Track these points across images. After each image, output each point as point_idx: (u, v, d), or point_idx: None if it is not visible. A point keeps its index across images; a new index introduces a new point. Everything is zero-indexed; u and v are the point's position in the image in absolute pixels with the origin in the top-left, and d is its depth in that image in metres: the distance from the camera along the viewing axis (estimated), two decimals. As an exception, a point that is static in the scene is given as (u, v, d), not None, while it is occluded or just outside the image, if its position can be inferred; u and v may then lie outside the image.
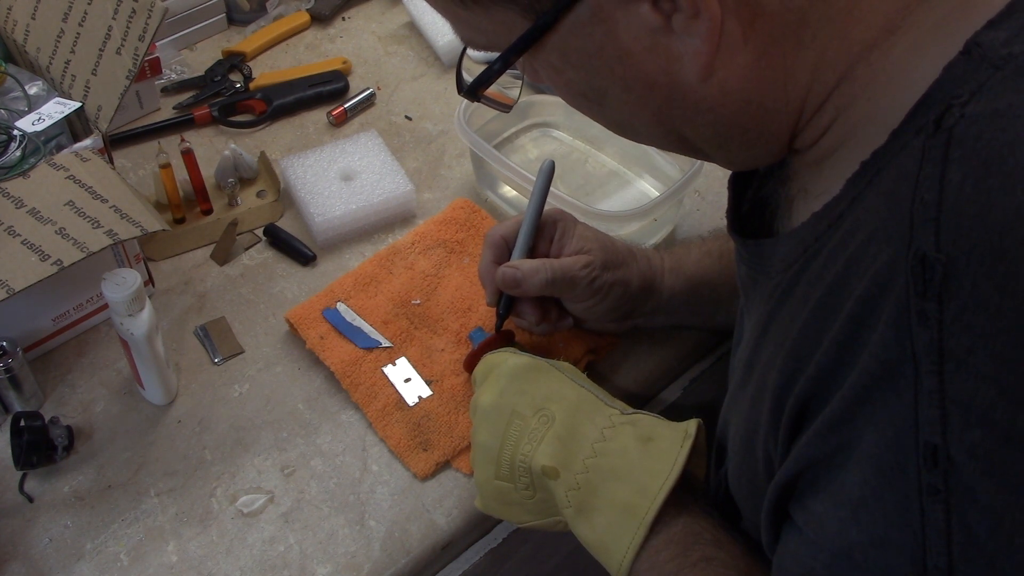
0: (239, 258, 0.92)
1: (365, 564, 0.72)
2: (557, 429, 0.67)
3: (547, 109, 1.03)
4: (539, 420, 0.68)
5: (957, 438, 0.41)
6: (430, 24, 1.12)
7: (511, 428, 0.68)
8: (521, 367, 0.71)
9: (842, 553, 0.46)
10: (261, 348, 0.85)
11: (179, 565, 0.72)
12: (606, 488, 0.65)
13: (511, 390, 0.70)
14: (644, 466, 0.64)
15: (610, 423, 0.67)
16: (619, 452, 0.65)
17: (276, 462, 0.78)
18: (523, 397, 0.69)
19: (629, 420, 0.67)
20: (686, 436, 0.65)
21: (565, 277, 0.77)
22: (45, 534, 0.73)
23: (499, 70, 0.53)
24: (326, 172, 0.96)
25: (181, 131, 1.02)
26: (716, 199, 0.99)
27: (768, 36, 0.47)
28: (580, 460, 0.66)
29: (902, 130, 0.44)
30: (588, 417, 0.68)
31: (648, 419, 0.67)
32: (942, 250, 0.40)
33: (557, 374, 0.71)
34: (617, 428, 0.67)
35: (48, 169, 0.78)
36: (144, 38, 0.81)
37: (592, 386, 0.71)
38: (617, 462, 0.65)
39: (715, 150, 0.55)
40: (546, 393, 0.69)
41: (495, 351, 0.76)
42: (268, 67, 1.12)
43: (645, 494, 0.63)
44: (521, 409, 0.69)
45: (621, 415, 0.68)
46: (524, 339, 0.83)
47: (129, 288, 0.73)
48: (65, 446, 0.75)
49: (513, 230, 0.80)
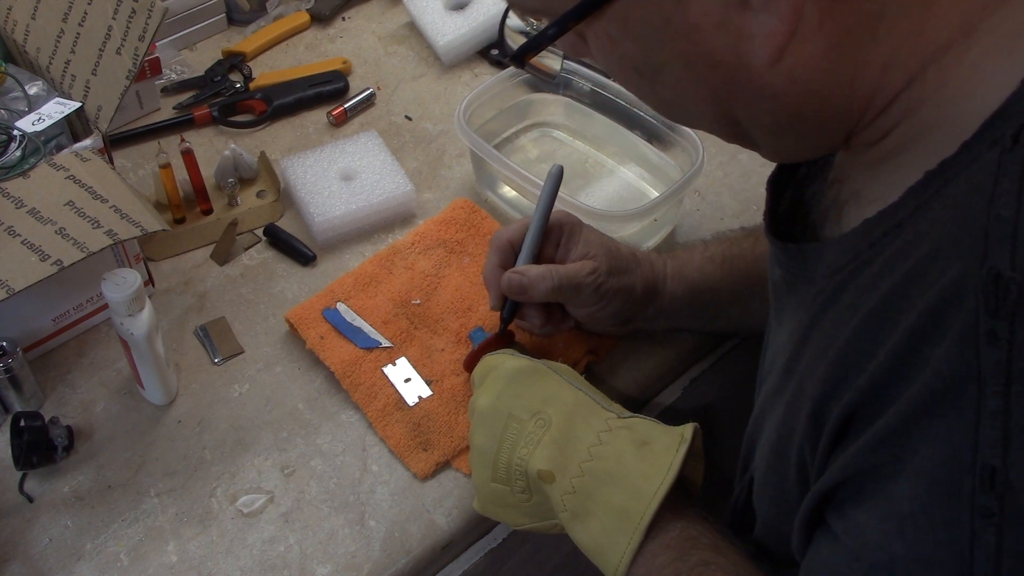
0: (239, 258, 0.92)
1: (365, 564, 0.72)
2: (553, 433, 0.67)
3: (547, 109, 1.03)
4: (536, 424, 0.68)
5: (1018, 462, 0.40)
6: (430, 24, 1.12)
7: (508, 431, 0.68)
8: (518, 370, 0.71)
9: (882, 566, 0.45)
10: (261, 348, 0.85)
11: (179, 565, 0.72)
12: (601, 492, 0.64)
13: (508, 393, 0.70)
14: (640, 470, 0.64)
15: (606, 427, 0.67)
16: (615, 456, 0.65)
17: (276, 462, 0.78)
18: (520, 400, 0.69)
19: (625, 424, 0.67)
20: (682, 441, 0.65)
21: (571, 284, 0.77)
22: (45, 534, 0.73)
23: (553, 36, 0.50)
24: (326, 172, 0.96)
25: (181, 131, 1.02)
26: (716, 199, 0.99)
27: (844, 26, 0.45)
28: (576, 464, 0.66)
29: (975, 142, 0.43)
30: (584, 420, 0.67)
31: (644, 423, 0.67)
32: (1017, 269, 0.39)
33: (554, 377, 0.71)
34: (613, 432, 0.66)
35: (48, 169, 0.78)
36: (144, 38, 0.81)
37: (589, 389, 0.71)
38: (613, 466, 0.65)
39: (767, 138, 0.53)
40: (543, 396, 0.69)
41: (494, 352, 0.76)
42: (268, 67, 1.12)
43: (640, 498, 0.63)
44: (518, 412, 0.69)
45: (618, 419, 0.68)
46: (525, 339, 0.84)
47: (129, 288, 0.73)
48: (65, 446, 0.75)
49: (519, 234, 0.80)
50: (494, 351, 0.77)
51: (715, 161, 1.02)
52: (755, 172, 1.01)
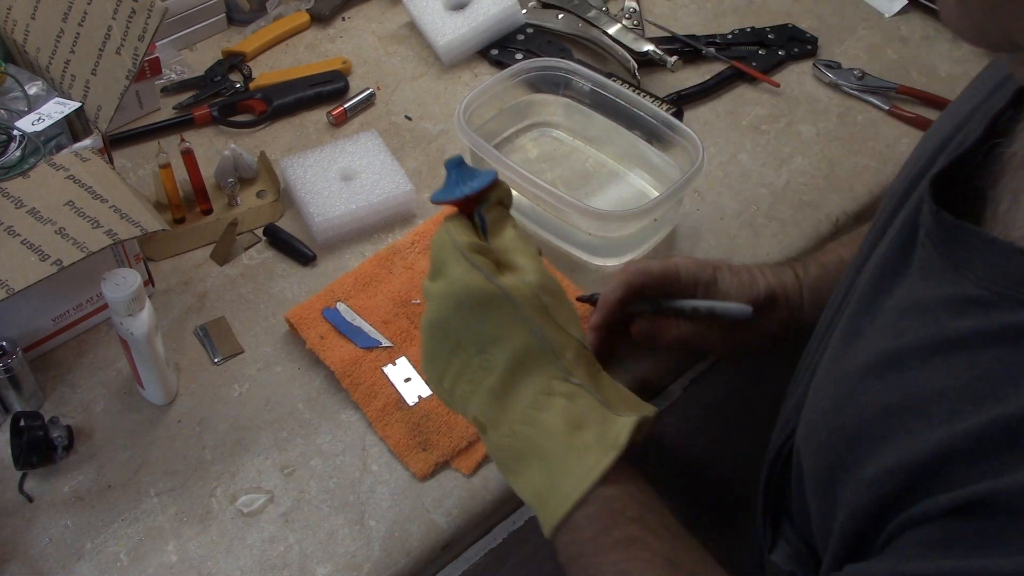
0: (239, 258, 0.92)
1: (365, 564, 0.72)
2: (493, 382, 0.63)
3: (547, 109, 1.03)
4: (479, 363, 0.63)
5: None
6: (430, 24, 1.12)
7: (454, 358, 0.64)
8: (473, 295, 0.63)
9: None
10: (261, 348, 0.85)
11: (179, 565, 0.72)
12: (527, 463, 0.62)
13: (457, 319, 0.64)
14: (562, 461, 0.61)
15: (547, 389, 0.62)
16: (544, 431, 0.62)
17: (276, 462, 0.78)
18: (468, 331, 0.63)
19: (567, 392, 0.62)
20: (612, 446, 0.61)
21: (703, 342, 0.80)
22: (45, 534, 0.73)
23: None
24: (326, 172, 0.96)
25: (181, 131, 1.02)
26: (716, 199, 0.99)
27: None
28: (508, 423, 0.63)
29: None
30: (528, 375, 0.63)
31: (586, 398, 0.62)
32: None
33: (509, 310, 0.63)
34: (552, 398, 0.62)
35: (48, 169, 0.78)
36: (144, 38, 0.81)
37: (547, 326, 0.63)
38: (541, 441, 0.62)
39: None
40: (492, 334, 0.63)
41: (459, 223, 0.66)
42: (268, 67, 1.12)
43: (555, 493, 0.61)
44: (465, 343, 0.64)
45: (563, 381, 0.62)
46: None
47: (129, 288, 0.73)
48: (65, 446, 0.75)
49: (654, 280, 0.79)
50: (459, 216, 0.67)
51: (715, 161, 1.02)
52: (755, 172, 1.01)
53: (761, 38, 1.15)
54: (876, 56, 1.15)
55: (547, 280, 0.65)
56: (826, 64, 1.12)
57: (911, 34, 1.19)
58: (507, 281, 0.63)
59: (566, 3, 1.16)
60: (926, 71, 1.14)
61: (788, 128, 1.07)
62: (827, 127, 1.07)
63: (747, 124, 1.07)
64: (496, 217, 0.68)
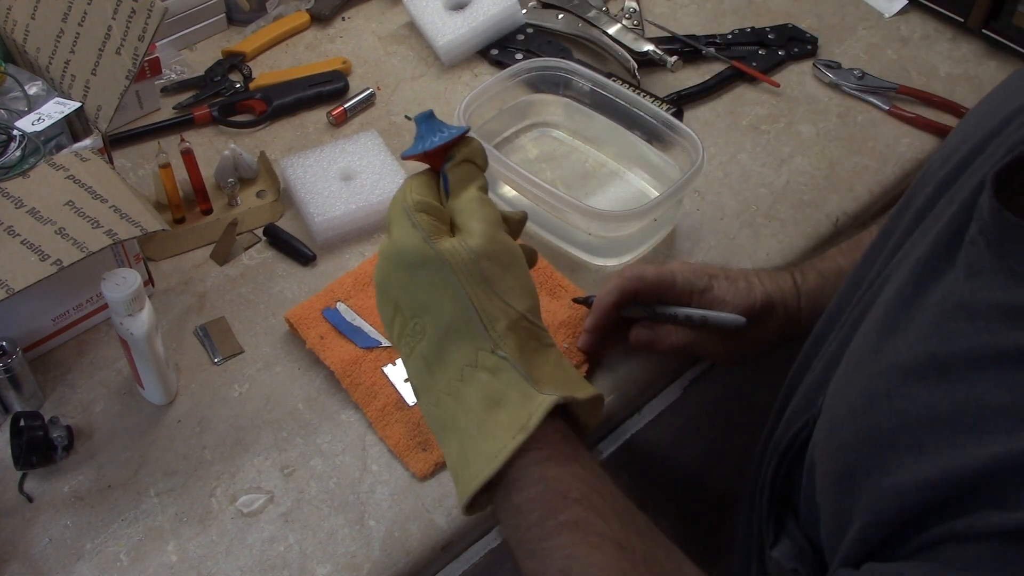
0: (239, 258, 0.92)
1: (365, 564, 0.72)
2: (424, 349, 0.63)
3: (547, 109, 1.03)
4: (413, 328, 0.63)
5: None
6: (430, 24, 1.12)
7: (396, 318, 0.65)
8: (408, 256, 0.62)
9: None
10: (261, 348, 0.85)
11: (179, 565, 0.72)
12: (447, 436, 0.62)
13: (395, 281, 0.63)
14: (474, 439, 0.60)
15: (473, 361, 0.61)
16: (464, 404, 0.61)
17: (276, 462, 0.78)
18: (405, 293, 0.63)
19: (490, 366, 0.61)
20: (522, 428, 0.59)
21: (702, 350, 0.80)
22: (45, 534, 0.73)
23: None
24: (326, 172, 0.96)
25: (181, 131, 1.02)
26: (716, 199, 0.99)
27: None
28: (435, 392, 0.62)
29: None
30: (456, 345, 0.62)
31: (509, 373, 0.61)
32: None
33: (440, 278, 0.61)
34: (476, 371, 0.61)
35: (48, 169, 0.78)
36: (144, 38, 0.81)
37: (480, 292, 0.62)
38: (459, 415, 0.61)
39: None
40: (424, 300, 0.62)
41: (418, 176, 0.67)
42: (268, 67, 1.12)
43: (464, 473, 0.60)
44: (402, 306, 0.64)
45: (489, 353, 0.61)
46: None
47: (129, 288, 0.73)
48: (65, 446, 0.75)
49: (648, 285, 0.78)
50: (422, 173, 0.67)
51: (715, 161, 1.02)
52: (755, 172, 1.01)
53: (761, 38, 1.15)
54: (876, 56, 1.15)
55: (494, 246, 0.63)
56: (826, 64, 1.12)
57: (911, 34, 1.19)
58: (445, 244, 0.62)
59: (566, 3, 1.16)
60: (926, 71, 1.14)
61: (788, 128, 1.07)
62: (827, 127, 1.07)
63: (747, 124, 1.07)
64: (460, 176, 0.66)
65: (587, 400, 0.63)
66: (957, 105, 1.09)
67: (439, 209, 0.65)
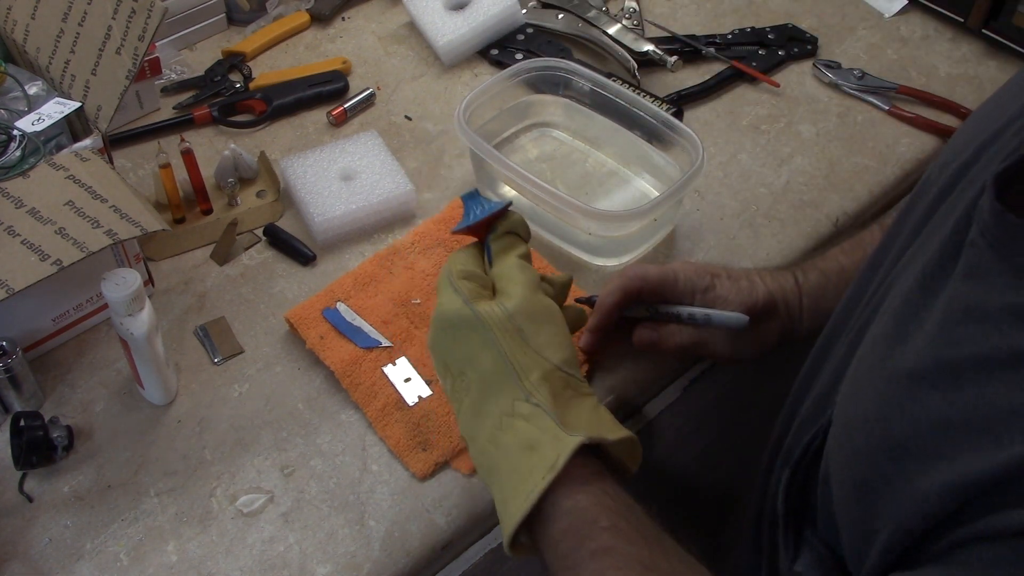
0: (239, 258, 0.92)
1: (365, 564, 0.72)
2: (470, 401, 0.67)
3: (547, 109, 1.03)
4: (460, 384, 0.68)
5: None
6: (430, 24, 1.12)
7: (446, 378, 0.69)
8: (449, 319, 0.68)
9: None
10: (261, 348, 0.85)
11: (179, 565, 0.72)
12: (492, 481, 0.65)
13: (441, 342, 0.69)
14: (511, 482, 0.63)
15: (510, 410, 0.65)
16: (503, 451, 0.64)
17: (276, 462, 0.78)
18: (450, 353, 0.68)
19: (527, 413, 0.64)
20: (550, 469, 0.61)
21: (705, 348, 0.80)
22: (45, 534, 0.73)
23: None
24: (326, 172, 0.96)
25: (181, 131, 1.02)
26: (716, 199, 0.99)
27: None
28: (481, 442, 0.66)
29: None
30: (495, 395, 0.66)
31: (543, 420, 0.64)
32: None
33: (477, 334, 0.67)
34: (515, 419, 0.65)
35: (48, 169, 0.78)
36: (144, 38, 0.81)
37: (515, 347, 0.66)
38: (500, 461, 0.65)
39: None
40: (466, 355, 0.67)
41: (463, 249, 0.74)
42: (268, 67, 1.12)
43: (505, 514, 0.63)
44: (451, 364, 0.68)
45: (524, 402, 0.65)
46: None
47: (129, 288, 0.73)
48: (65, 446, 0.75)
49: (649, 285, 0.79)
50: (468, 246, 0.74)
51: (715, 161, 1.02)
52: (755, 172, 1.01)
53: (761, 38, 1.15)
54: (876, 56, 1.15)
55: (529, 305, 0.68)
56: (826, 64, 1.12)
57: (911, 34, 1.19)
58: (483, 307, 0.67)
59: (566, 3, 1.16)
60: (926, 71, 1.14)
61: (788, 128, 1.07)
62: (827, 127, 1.07)
63: (747, 124, 1.07)
64: (502, 246, 0.72)
65: (618, 441, 0.65)
66: (957, 105, 1.09)
67: (481, 276, 0.71)
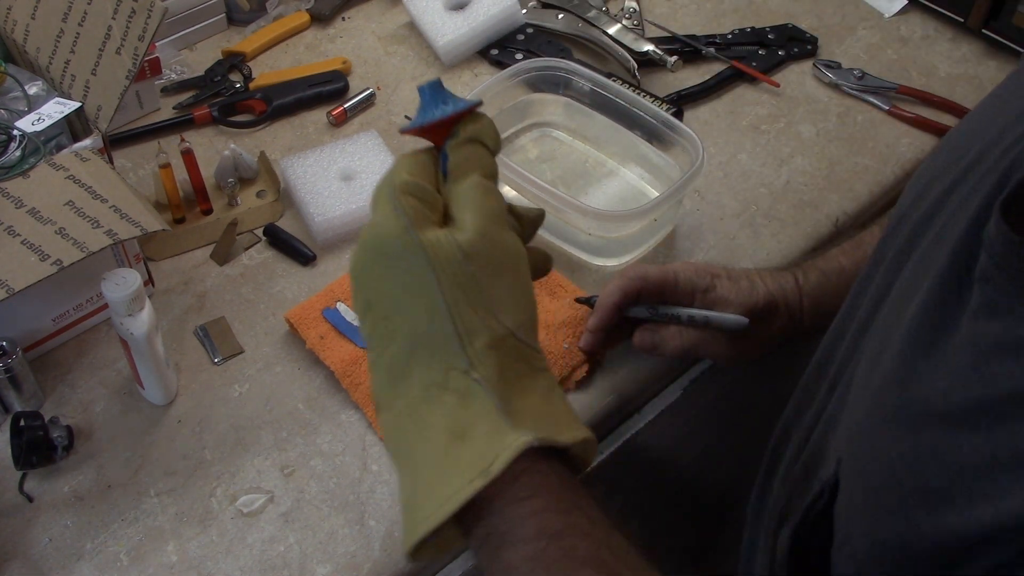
0: (239, 258, 0.92)
1: (365, 564, 0.72)
2: (391, 356, 0.53)
3: (547, 109, 1.03)
4: (383, 330, 0.54)
5: None
6: (430, 24, 1.12)
7: (368, 315, 0.55)
8: (385, 245, 0.53)
9: None
10: (261, 348, 0.85)
11: (179, 565, 0.72)
12: (402, 463, 0.53)
13: (367, 271, 0.55)
14: (431, 478, 0.51)
15: (443, 381, 0.52)
16: (424, 432, 0.52)
17: (276, 462, 0.78)
18: (375, 289, 0.54)
19: (462, 389, 0.51)
20: (482, 474, 0.49)
21: (705, 350, 0.79)
22: (45, 534, 0.73)
23: None
24: (326, 172, 0.96)
25: (181, 131, 1.02)
26: (716, 199, 0.99)
27: None
28: (396, 411, 0.53)
29: None
30: (425, 358, 0.52)
31: (483, 402, 0.51)
32: None
33: (418, 275, 0.52)
34: (444, 393, 0.52)
35: (48, 169, 0.78)
36: (144, 38, 0.81)
37: (459, 302, 0.52)
38: (417, 444, 0.52)
39: None
40: (397, 299, 0.53)
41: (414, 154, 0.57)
42: (268, 67, 1.12)
43: (414, 511, 0.51)
44: (374, 302, 0.54)
45: (462, 374, 0.51)
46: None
47: (129, 288, 0.73)
48: (65, 446, 0.75)
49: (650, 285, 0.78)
50: (420, 151, 0.58)
51: (715, 161, 1.02)
52: (755, 172, 1.01)
53: (761, 38, 1.15)
54: (876, 56, 1.15)
55: (487, 244, 0.53)
56: (826, 64, 1.12)
57: (911, 34, 1.19)
58: (429, 235, 0.52)
59: (566, 3, 1.16)
60: (926, 71, 1.14)
61: (788, 128, 1.07)
62: (827, 127, 1.07)
63: (747, 124, 1.07)
64: (463, 157, 0.56)
65: (571, 444, 0.53)
66: (957, 105, 1.09)
67: (431, 193, 0.55)
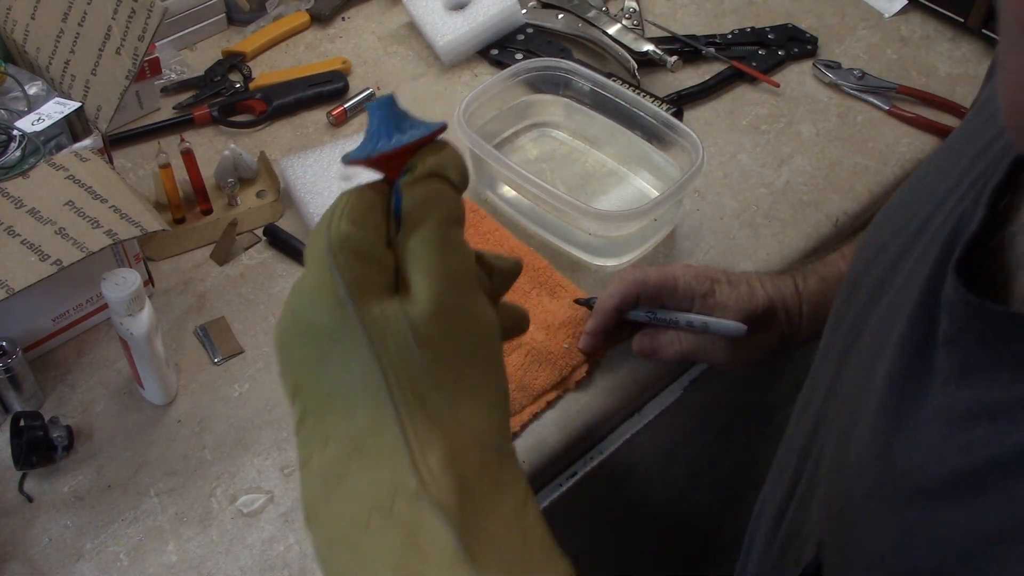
0: (239, 258, 0.92)
1: (365, 564, 0.72)
2: (326, 463, 0.41)
3: (547, 109, 1.03)
4: (311, 429, 0.42)
5: None
6: (430, 24, 1.12)
7: (296, 401, 0.43)
8: (316, 321, 0.41)
9: None
10: (261, 348, 0.85)
11: (179, 565, 0.72)
12: None
13: (296, 350, 0.42)
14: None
15: (387, 505, 0.39)
16: (365, 568, 0.39)
17: (276, 462, 0.78)
18: (305, 374, 0.42)
19: (408, 523, 0.39)
20: None
21: (703, 356, 0.80)
22: (45, 534, 0.73)
23: None
24: (326, 172, 0.96)
25: (181, 131, 1.02)
26: (716, 199, 0.99)
27: None
28: (327, 530, 0.41)
29: None
30: (366, 471, 0.40)
31: (438, 538, 0.38)
32: None
33: (357, 364, 0.40)
34: (389, 521, 0.39)
35: (48, 169, 0.78)
36: (144, 38, 0.81)
37: (410, 401, 0.40)
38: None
39: None
40: (331, 393, 0.41)
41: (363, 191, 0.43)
42: (268, 67, 1.12)
43: None
44: (303, 388, 0.42)
45: (411, 500, 0.39)
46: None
47: (129, 288, 0.73)
48: (65, 446, 0.75)
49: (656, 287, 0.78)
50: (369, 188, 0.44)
51: (715, 161, 1.02)
52: (755, 172, 1.01)
53: (761, 38, 1.15)
54: (876, 56, 1.15)
55: (446, 321, 0.41)
56: (826, 64, 1.12)
57: (911, 34, 1.19)
58: (374, 311, 0.40)
59: (566, 3, 1.16)
60: (926, 71, 1.14)
61: (788, 128, 1.07)
62: (827, 127, 1.07)
63: (747, 124, 1.07)
64: (420, 199, 0.43)
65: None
66: (957, 105, 1.09)
67: (379, 249, 0.42)
